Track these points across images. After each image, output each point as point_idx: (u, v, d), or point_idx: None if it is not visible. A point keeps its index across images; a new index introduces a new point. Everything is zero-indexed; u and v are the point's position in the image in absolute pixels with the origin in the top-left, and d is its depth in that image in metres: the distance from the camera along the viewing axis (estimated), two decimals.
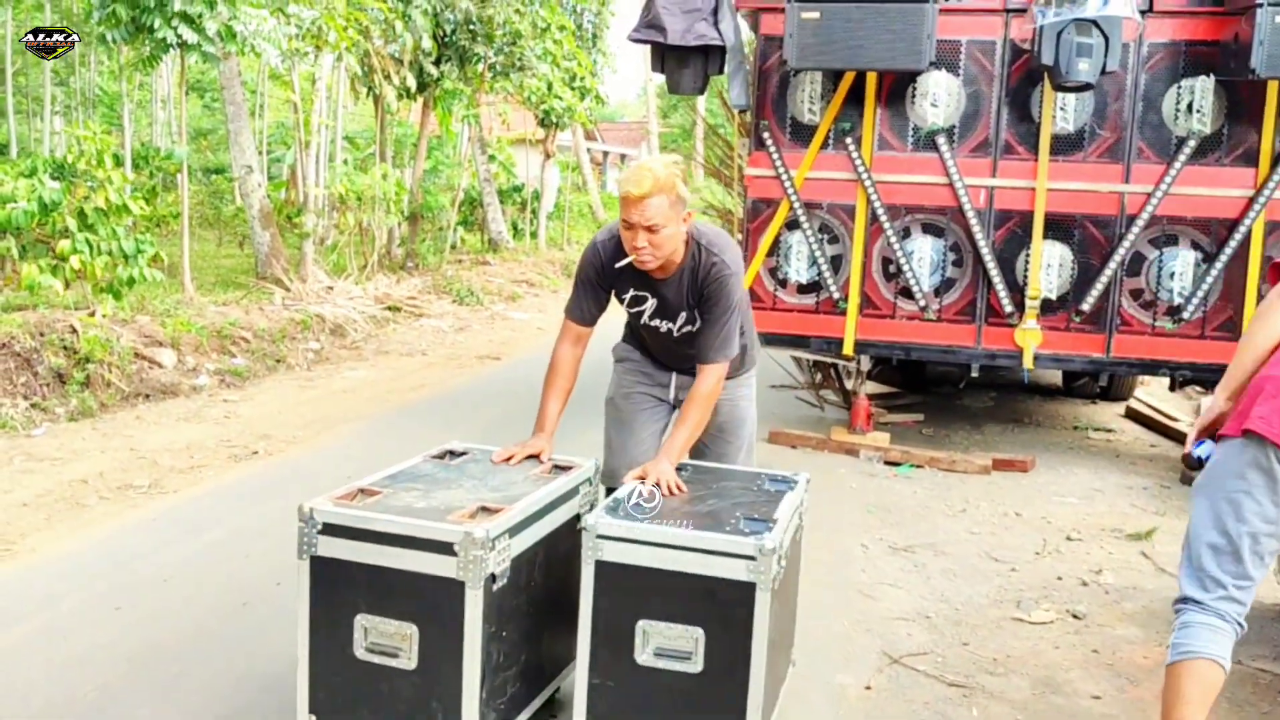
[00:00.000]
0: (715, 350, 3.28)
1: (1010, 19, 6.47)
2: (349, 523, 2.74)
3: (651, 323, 3.44)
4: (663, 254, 3.15)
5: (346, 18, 12.31)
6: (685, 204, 3.13)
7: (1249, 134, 6.27)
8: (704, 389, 3.27)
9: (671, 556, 2.72)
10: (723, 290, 3.23)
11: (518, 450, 3.34)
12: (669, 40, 6.19)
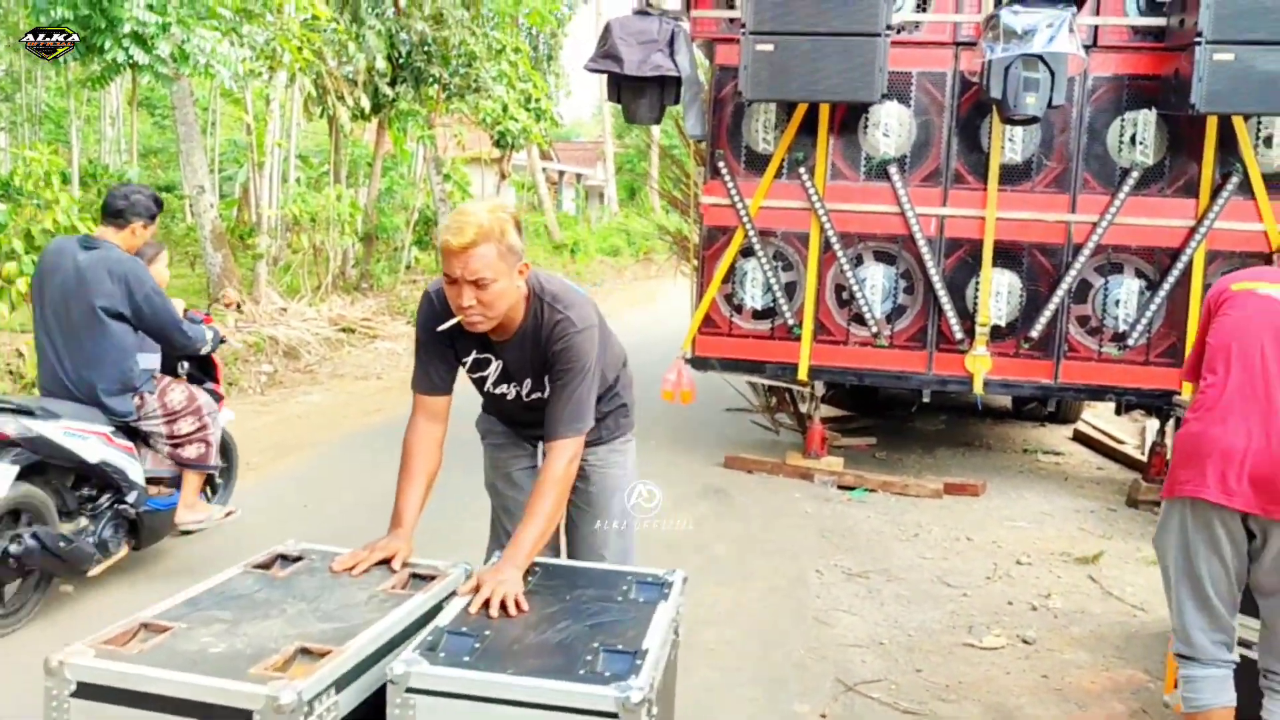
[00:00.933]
0: (564, 423, 2.75)
1: (960, 52, 6.61)
2: (113, 682, 1.95)
3: (497, 389, 3.00)
4: (495, 313, 2.67)
5: (300, 39, 12.27)
6: (519, 255, 2.67)
7: (1190, 166, 6.45)
8: (553, 473, 2.69)
9: (505, 717, 2.01)
10: (570, 352, 2.77)
11: (366, 555, 2.64)
12: (625, 70, 6.26)
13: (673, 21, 6.45)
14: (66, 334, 4.40)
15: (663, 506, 6.17)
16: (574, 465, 2.76)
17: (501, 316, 2.71)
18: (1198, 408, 2.93)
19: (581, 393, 2.79)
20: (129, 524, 4.64)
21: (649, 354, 12.08)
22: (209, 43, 9.97)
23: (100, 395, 4.42)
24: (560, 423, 2.76)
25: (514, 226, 2.64)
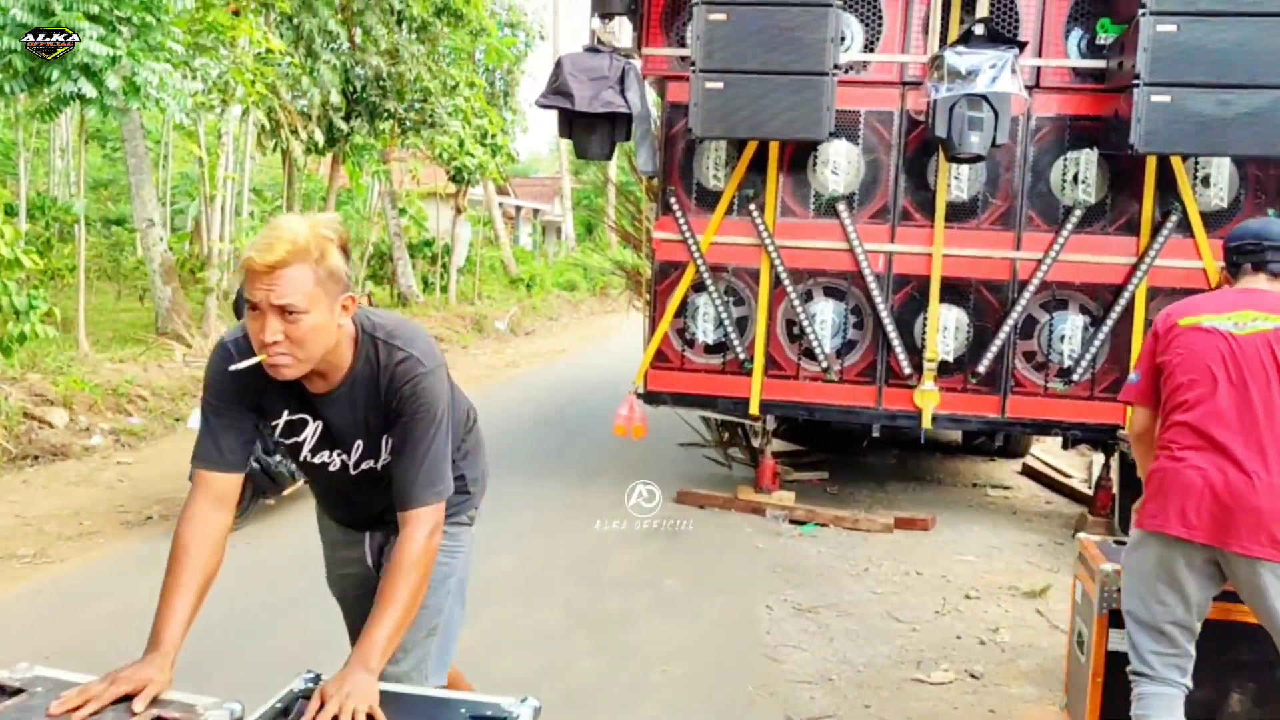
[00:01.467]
0: (421, 487, 2.23)
1: (906, 91, 6.71)
2: None
3: (316, 459, 2.41)
4: (306, 353, 2.12)
5: (254, 72, 12.22)
6: (344, 284, 2.15)
7: (1131, 204, 6.58)
8: (411, 551, 2.17)
9: None
10: (421, 397, 2.23)
11: (102, 689, 1.88)
12: (576, 106, 6.30)
13: (623, 59, 6.51)
14: None
15: (613, 543, 6.17)
16: (436, 538, 2.22)
17: (314, 360, 2.16)
18: (1164, 444, 3.00)
19: (437, 448, 2.26)
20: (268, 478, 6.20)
21: (605, 389, 12.10)
22: (159, 75, 9.90)
23: None
24: (414, 486, 2.24)
25: (340, 249, 2.13)
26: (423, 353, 2.27)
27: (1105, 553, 3.66)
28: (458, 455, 2.64)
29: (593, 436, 9.31)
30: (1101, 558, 3.58)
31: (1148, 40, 5.72)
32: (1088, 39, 6.58)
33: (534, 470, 7.99)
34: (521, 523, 6.56)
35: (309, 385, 2.27)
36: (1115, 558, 3.59)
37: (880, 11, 6.70)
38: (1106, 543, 3.91)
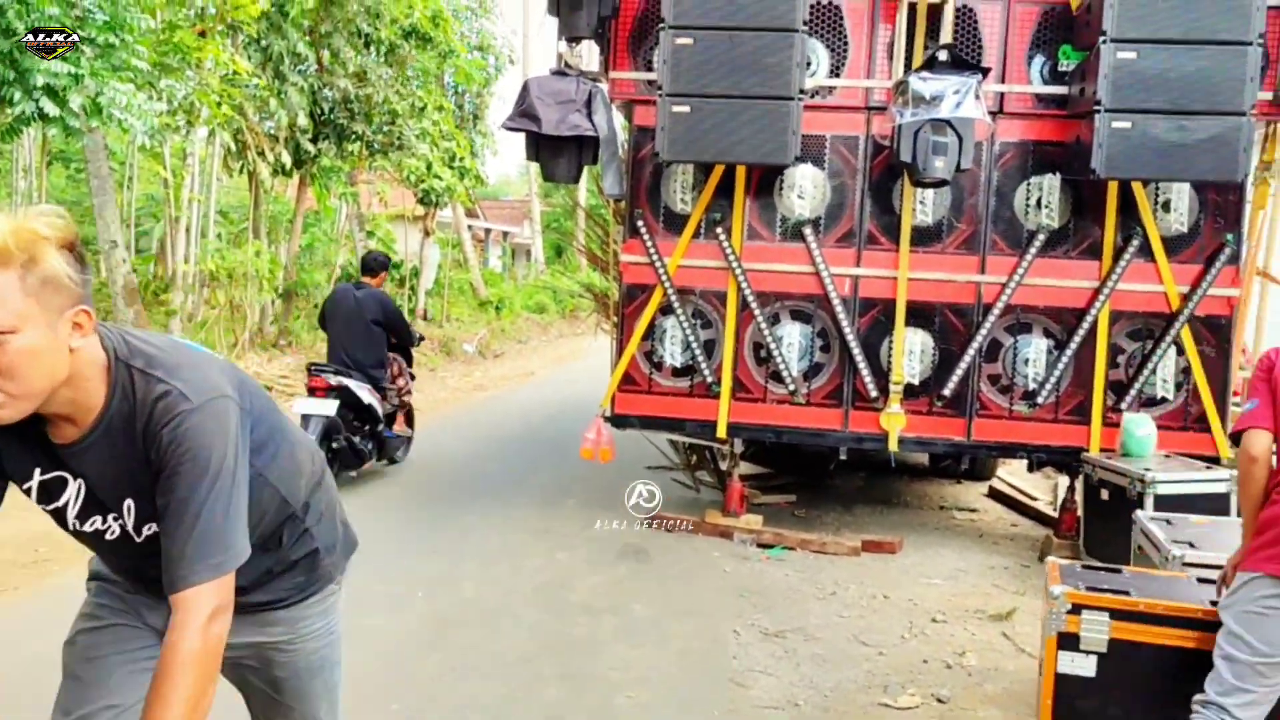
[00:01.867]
0: (190, 561, 1.72)
1: (871, 116, 6.76)
2: None
3: (87, 527, 1.92)
4: (21, 387, 1.65)
5: (220, 94, 12.14)
6: (75, 296, 1.69)
7: (1093, 229, 6.65)
8: (183, 649, 1.68)
9: None
10: (182, 444, 1.74)
11: None
12: (543, 130, 6.29)
13: (590, 82, 6.52)
14: (350, 336, 8.01)
15: (580, 567, 6.12)
16: (217, 626, 1.72)
17: (36, 396, 1.68)
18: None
19: (212, 508, 1.74)
20: (378, 442, 8.23)
21: (573, 412, 12.06)
22: (124, 96, 9.81)
23: (366, 368, 8.01)
24: (181, 562, 1.72)
25: (60, 251, 1.66)
26: (188, 385, 1.76)
27: (1064, 576, 3.67)
28: (310, 517, 2.14)
29: (560, 460, 9.26)
30: (1056, 580, 3.59)
31: (1108, 67, 5.80)
32: (1050, 65, 6.67)
33: (500, 494, 7.94)
34: (487, 548, 6.50)
35: (54, 434, 1.80)
36: (1074, 581, 3.60)
37: (846, 37, 6.75)
38: (1072, 567, 3.93)
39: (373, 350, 8.05)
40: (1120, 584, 3.65)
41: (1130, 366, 6.72)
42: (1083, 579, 3.68)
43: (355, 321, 7.99)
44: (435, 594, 5.58)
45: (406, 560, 6.14)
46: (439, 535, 6.71)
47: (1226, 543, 3.95)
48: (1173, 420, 6.67)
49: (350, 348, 7.94)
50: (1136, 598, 3.48)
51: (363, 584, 5.62)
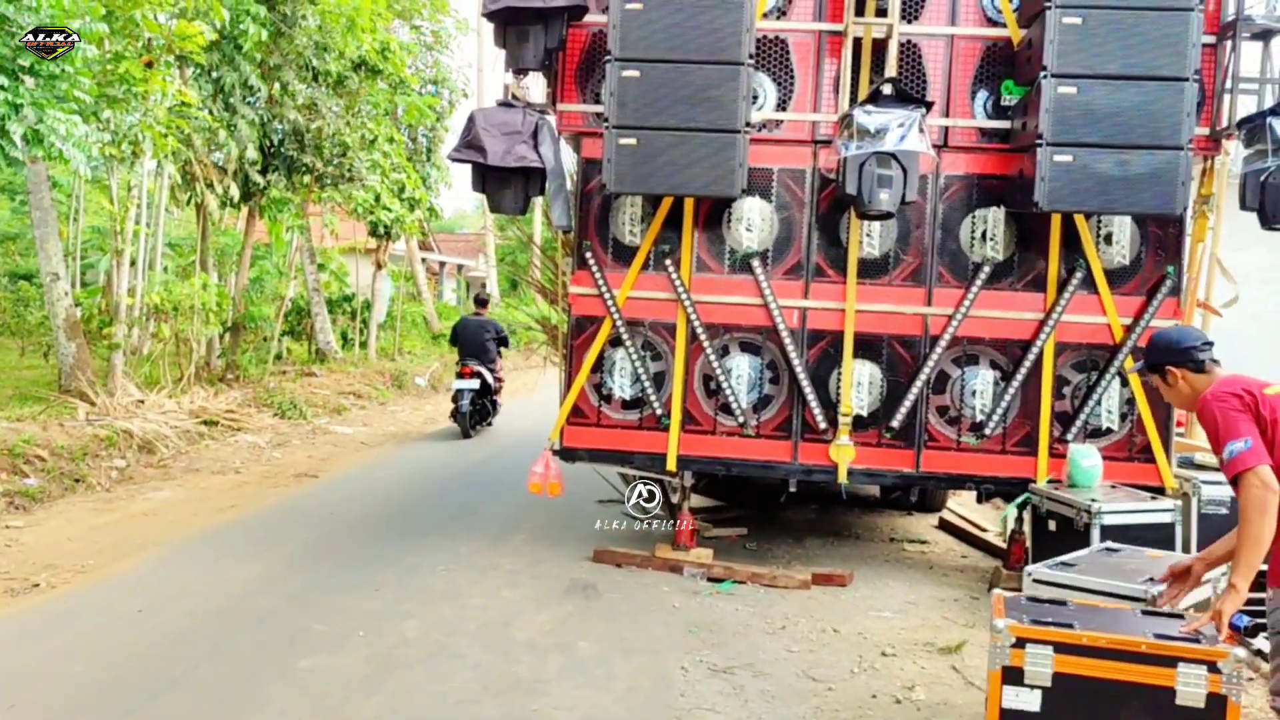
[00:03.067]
0: None
1: (818, 149, 6.79)
2: None
3: None
4: None
5: (167, 125, 11.97)
6: None
7: (1037, 261, 6.70)
8: None
9: None
10: None
11: None
12: (489, 161, 6.24)
13: (537, 114, 6.48)
14: (476, 346, 13.16)
15: (526, 605, 6.01)
16: None
17: None
18: None
19: None
20: (493, 406, 13.64)
21: (522, 446, 11.93)
22: (64, 125, 9.64)
23: (485, 364, 13.07)
24: None
25: None
26: None
27: (1009, 609, 3.64)
28: None
29: (509, 494, 9.15)
30: (1001, 613, 3.56)
31: (1049, 101, 5.87)
32: (993, 100, 6.74)
33: (446, 530, 7.80)
34: (431, 585, 6.37)
35: None
36: (1018, 615, 3.58)
37: (792, 71, 6.79)
38: (1017, 599, 3.90)
39: (487, 354, 13.18)
40: (1065, 617, 3.62)
41: (1075, 397, 6.77)
42: (1027, 612, 3.65)
43: (477, 336, 13.24)
44: (376, 633, 5.44)
45: (346, 598, 6.00)
46: (381, 573, 6.57)
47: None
48: (1118, 451, 6.71)
49: (476, 352, 13.07)
50: (1080, 631, 3.46)
51: (300, 623, 5.49)
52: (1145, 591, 3.88)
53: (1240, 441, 3.33)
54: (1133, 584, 4.03)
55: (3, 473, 8.56)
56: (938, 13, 6.71)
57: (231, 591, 6.05)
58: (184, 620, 5.50)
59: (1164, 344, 3.71)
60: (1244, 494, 3.33)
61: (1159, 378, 3.72)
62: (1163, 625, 3.52)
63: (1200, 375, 3.63)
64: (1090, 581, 4.12)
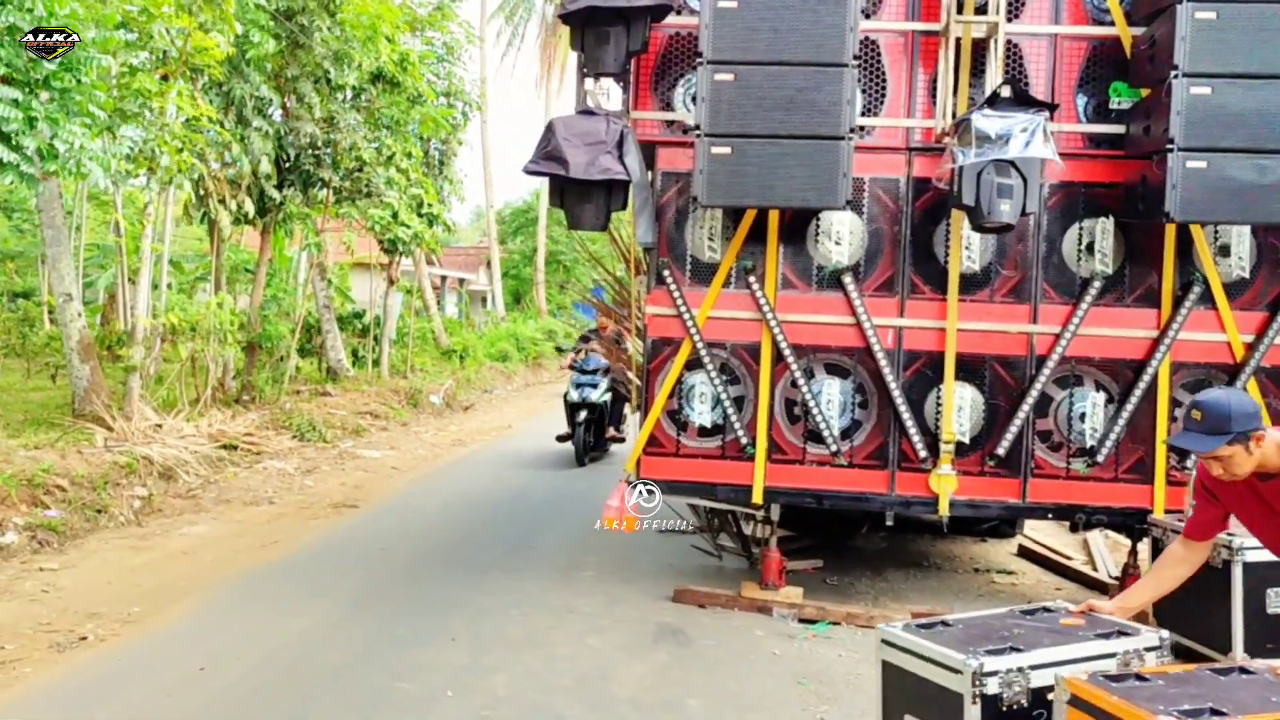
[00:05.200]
0: None
1: (913, 157, 6.35)
2: None
3: None
4: None
5: (181, 140, 11.49)
6: None
7: (1149, 275, 6.27)
8: None
9: None
10: None
11: None
12: (570, 173, 5.78)
13: (620, 122, 6.02)
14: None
15: (616, 654, 5.53)
16: None
17: None
18: None
19: None
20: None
21: (562, 469, 11.45)
22: (79, 139, 9.15)
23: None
24: None
25: None
26: None
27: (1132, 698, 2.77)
28: None
29: (562, 524, 8.67)
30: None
31: (1181, 104, 5.43)
32: (1094, 103, 6.32)
33: (507, 566, 7.31)
34: (508, 633, 5.88)
35: None
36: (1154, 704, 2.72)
37: (884, 75, 6.35)
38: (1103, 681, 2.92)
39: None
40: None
41: None
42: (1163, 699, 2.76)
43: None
44: (464, 690, 4.95)
45: (422, 650, 5.50)
46: (452, 618, 6.07)
47: None
48: None
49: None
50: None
51: (379, 681, 5.01)
52: (964, 663, 3.17)
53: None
54: (962, 654, 3.23)
55: (23, 504, 8.05)
56: (1039, 11, 6.28)
57: (295, 643, 5.56)
58: (251, 679, 5.00)
59: (1242, 410, 3.27)
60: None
61: (1242, 446, 3.25)
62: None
63: (1271, 438, 3.30)
64: (925, 648, 3.38)
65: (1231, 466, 3.30)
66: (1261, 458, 3.27)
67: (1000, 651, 3.25)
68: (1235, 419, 3.22)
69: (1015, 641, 3.33)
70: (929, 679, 3.33)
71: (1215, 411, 3.25)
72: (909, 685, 3.44)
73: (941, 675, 3.26)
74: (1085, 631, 3.43)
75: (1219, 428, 3.23)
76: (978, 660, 3.17)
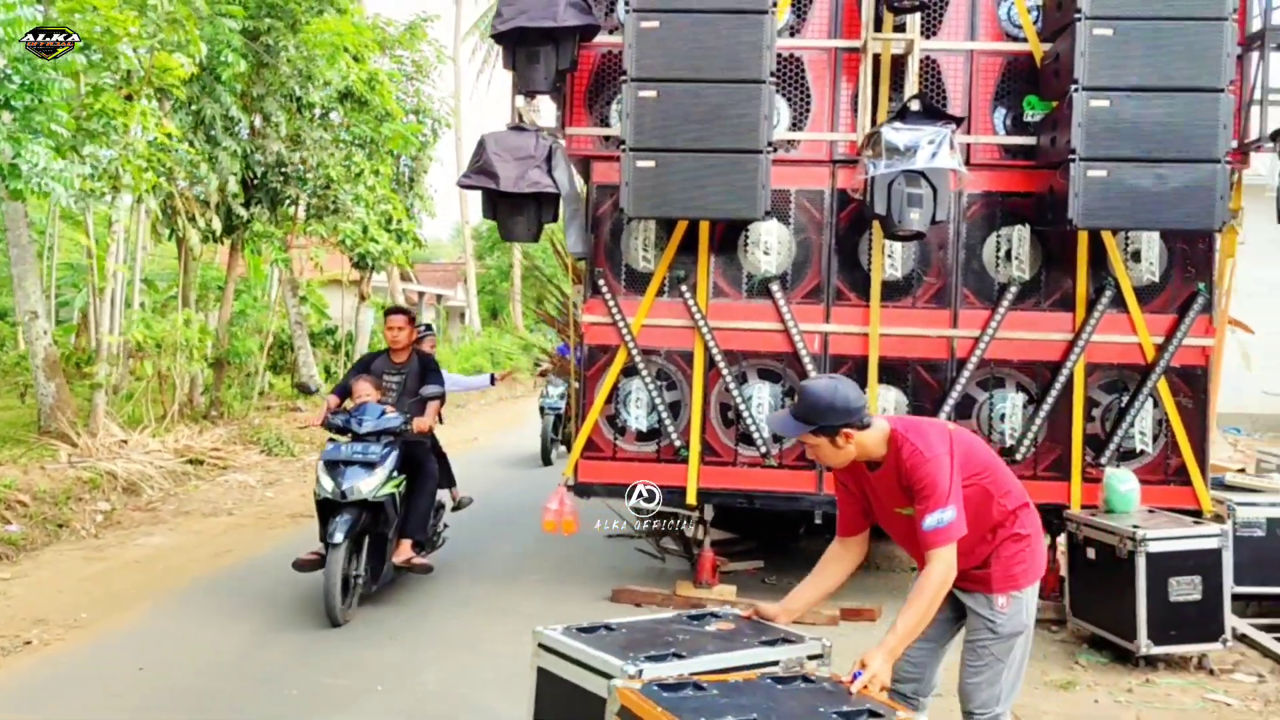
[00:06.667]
0: None
1: (836, 169, 6.59)
2: None
3: None
4: None
5: (148, 159, 11.67)
6: None
7: (1064, 280, 6.52)
8: None
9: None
10: None
11: None
12: (501, 187, 6.00)
13: (550, 137, 6.25)
14: None
15: None
16: None
17: None
18: None
19: None
20: None
21: (523, 480, 11.64)
22: (42, 159, 9.33)
23: None
24: None
25: None
26: None
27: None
28: None
29: (515, 531, 8.85)
30: None
31: (1081, 115, 5.70)
32: (1012, 116, 6.58)
33: (456, 569, 7.49)
34: (448, 631, 6.07)
35: None
36: None
37: (808, 89, 6.60)
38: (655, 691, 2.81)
39: None
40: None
41: (1107, 420, 6.57)
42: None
43: None
44: (394, 686, 5.14)
45: (359, 649, 5.68)
46: (392, 620, 6.26)
47: None
48: (1151, 474, 6.51)
49: None
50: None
51: (311, 678, 5.18)
52: (622, 670, 2.86)
53: (954, 510, 3.16)
54: (621, 660, 2.93)
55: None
56: (956, 28, 6.55)
57: (236, 646, 5.73)
58: (189, 679, 5.17)
59: (840, 404, 3.20)
60: (940, 568, 3.20)
61: (828, 439, 3.23)
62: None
63: (869, 432, 3.27)
64: (584, 653, 3.08)
65: (820, 456, 3.34)
66: (860, 450, 3.26)
67: (661, 658, 3.00)
68: (825, 412, 3.18)
69: (679, 648, 3.09)
70: (585, 687, 3.03)
71: (809, 400, 3.23)
72: (564, 694, 3.14)
73: (599, 684, 2.93)
74: (750, 638, 3.24)
75: (808, 417, 3.21)
76: (636, 667, 2.88)
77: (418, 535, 6.71)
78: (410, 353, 7.08)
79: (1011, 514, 3.41)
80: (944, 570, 3.19)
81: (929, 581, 3.19)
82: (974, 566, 3.42)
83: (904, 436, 3.25)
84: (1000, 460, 3.53)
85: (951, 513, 3.16)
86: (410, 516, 6.66)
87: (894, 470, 3.28)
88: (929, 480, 3.18)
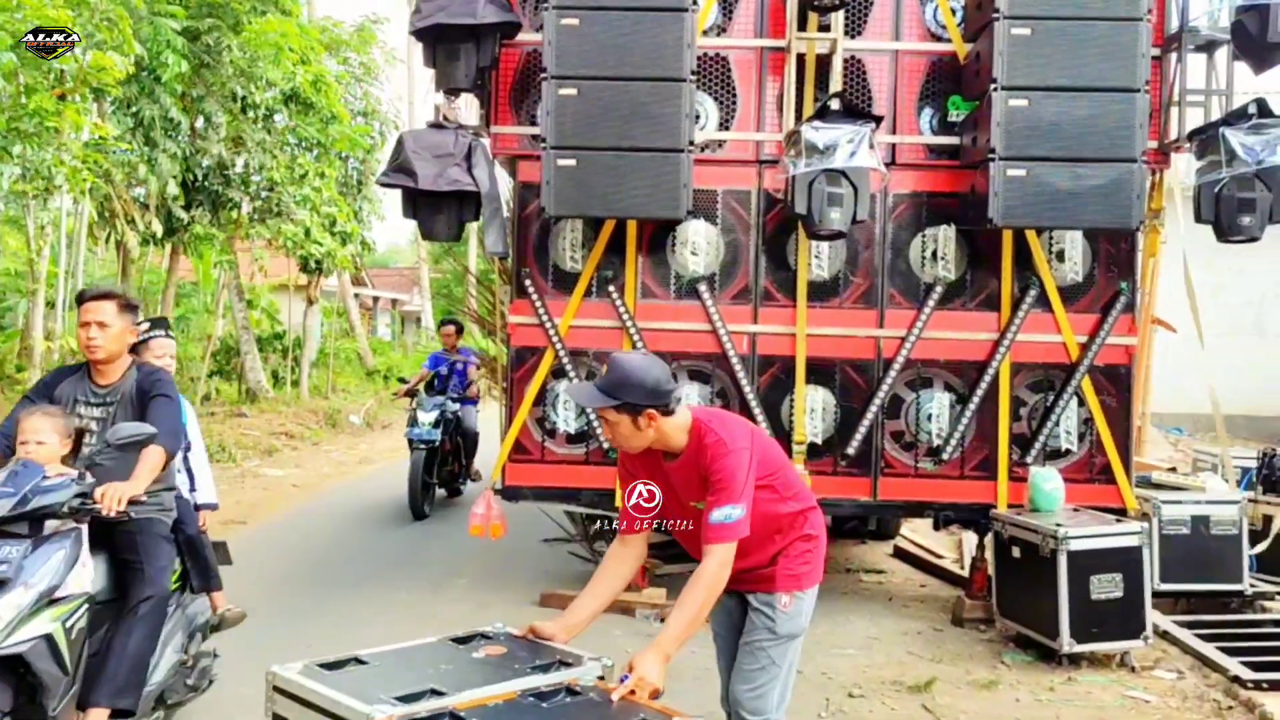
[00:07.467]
0: None
1: (763, 169, 6.57)
2: None
3: None
4: None
5: (83, 160, 11.45)
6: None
7: (990, 280, 6.54)
8: None
9: None
10: None
11: None
12: (419, 185, 5.92)
13: (470, 135, 6.18)
14: None
15: None
16: None
17: None
18: None
19: None
20: None
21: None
22: None
23: None
24: None
25: None
26: None
27: None
28: None
29: (449, 537, 8.75)
30: None
31: (1000, 115, 5.71)
32: (939, 116, 6.59)
33: (383, 577, 7.39)
34: (368, 637, 5.90)
35: None
36: None
37: (734, 89, 6.58)
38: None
39: None
40: None
41: (1033, 419, 6.59)
42: None
43: None
44: None
45: (271, 656, 5.54)
46: (313, 628, 6.15)
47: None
48: (1077, 472, 6.54)
49: None
50: None
51: (226, 689, 5.06)
52: (369, 717, 2.45)
53: (743, 510, 3.07)
54: (366, 705, 2.49)
55: None
56: (881, 28, 6.55)
57: None
58: None
59: (650, 383, 3.06)
60: (714, 564, 3.04)
61: (630, 418, 3.09)
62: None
63: (673, 419, 3.16)
64: (323, 696, 2.63)
65: (617, 435, 3.18)
66: (660, 437, 3.15)
67: (416, 697, 2.58)
68: (633, 389, 3.04)
69: (438, 681, 2.67)
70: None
71: (619, 373, 3.08)
72: None
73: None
74: (523, 664, 2.89)
75: (614, 390, 3.06)
76: (384, 713, 2.47)
77: (121, 700, 3.81)
78: (127, 368, 4.16)
79: (801, 514, 3.37)
80: (718, 568, 3.05)
81: (703, 577, 3.05)
82: (760, 565, 3.34)
83: (708, 426, 3.17)
84: (790, 461, 3.56)
85: (740, 511, 3.06)
86: (109, 664, 3.79)
87: (694, 461, 3.17)
88: (727, 473, 3.09)
